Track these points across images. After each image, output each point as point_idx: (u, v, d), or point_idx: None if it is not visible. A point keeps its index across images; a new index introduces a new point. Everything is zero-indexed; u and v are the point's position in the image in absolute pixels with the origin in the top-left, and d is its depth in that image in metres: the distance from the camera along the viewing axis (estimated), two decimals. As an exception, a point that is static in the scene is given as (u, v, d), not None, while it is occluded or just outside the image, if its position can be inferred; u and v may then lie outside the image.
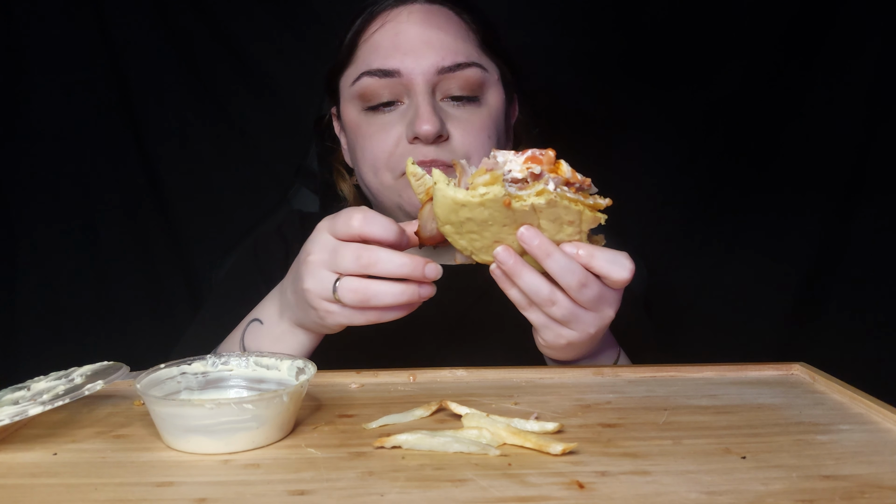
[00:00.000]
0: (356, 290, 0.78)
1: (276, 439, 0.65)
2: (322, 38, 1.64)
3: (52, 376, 0.73)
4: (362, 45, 1.08)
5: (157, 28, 1.64)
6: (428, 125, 1.00)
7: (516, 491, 0.55)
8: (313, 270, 0.80)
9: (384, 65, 1.04)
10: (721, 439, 0.66)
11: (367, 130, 1.07)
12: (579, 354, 0.88)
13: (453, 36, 1.06)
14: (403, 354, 0.92)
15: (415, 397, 0.78)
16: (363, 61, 1.07)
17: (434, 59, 1.03)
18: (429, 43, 1.04)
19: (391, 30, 1.05)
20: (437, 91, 1.05)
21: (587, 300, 0.79)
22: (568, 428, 0.68)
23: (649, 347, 1.10)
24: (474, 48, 1.07)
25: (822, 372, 0.84)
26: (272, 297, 0.93)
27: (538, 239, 0.76)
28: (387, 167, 1.06)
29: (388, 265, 0.77)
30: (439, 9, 1.08)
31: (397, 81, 1.04)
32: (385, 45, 1.05)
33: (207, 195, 1.71)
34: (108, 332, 1.67)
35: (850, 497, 0.54)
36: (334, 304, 0.80)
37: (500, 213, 0.75)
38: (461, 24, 1.08)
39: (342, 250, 0.78)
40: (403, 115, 1.05)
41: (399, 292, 0.78)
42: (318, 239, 0.82)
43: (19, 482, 0.58)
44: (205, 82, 1.69)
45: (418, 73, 1.03)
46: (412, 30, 1.05)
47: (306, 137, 1.45)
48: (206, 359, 0.74)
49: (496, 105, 1.09)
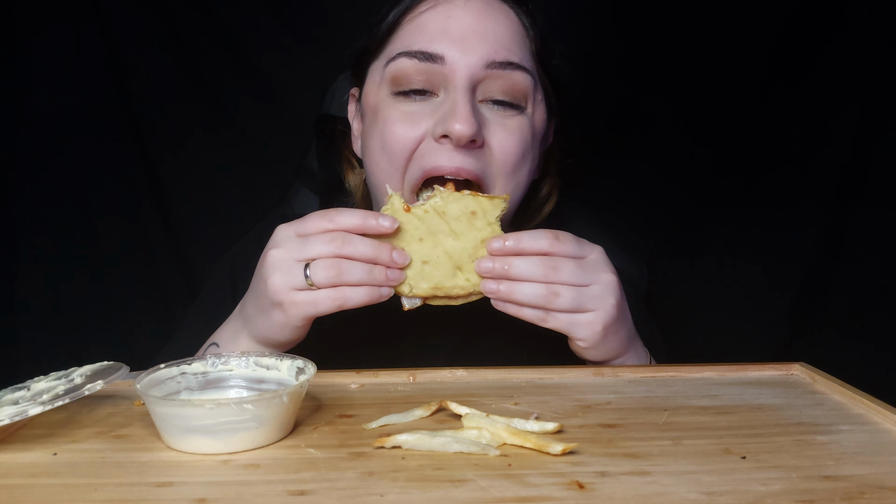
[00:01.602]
0: (329, 266, 0.81)
1: (276, 439, 0.65)
2: (322, 38, 1.65)
3: (52, 376, 0.74)
4: (406, 23, 0.97)
5: (158, 28, 1.64)
6: (463, 125, 0.89)
7: (516, 491, 0.55)
8: (278, 264, 0.83)
9: (427, 47, 0.93)
10: (721, 439, 0.66)
11: (390, 115, 0.96)
12: (618, 345, 0.90)
13: (510, 35, 0.96)
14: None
15: (415, 397, 0.78)
16: (403, 41, 0.96)
17: (485, 52, 0.93)
18: (482, 35, 0.93)
19: (443, 12, 0.95)
20: (479, 91, 0.95)
21: (573, 276, 0.84)
22: (568, 428, 0.68)
23: (658, 351, 1.10)
24: (528, 55, 0.98)
25: (822, 372, 0.84)
26: (231, 319, 0.94)
27: (493, 263, 0.85)
28: (400, 164, 0.96)
29: (359, 244, 0.82)
30: (501, 4, 0.98)
31: (437, 70, 0.93)
32: (432, 28, 0.94)
33: (207, 195, 1.71)
34: (108, 332, 1.67)
35: (850, 497, 0.54)
36: (301, 293, 0.82)
37: (414, 225, 0.86)
38: (520, 26, 0.98)
39: (312, 239, 0.82)
40: (436, 109, 0.94)
41: (369, 268, 0.82)
42: (278, 238, 0.85)
43: (19, 482, 0.58)
44: (205, 82, 1.68)
45: (463, 64, 0.92)
46: (467, 17, 0.94)
47: (306, 137, 1.45)
48: (206, 359, 0.74)
49: (537, 122, 1.00)
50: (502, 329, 0.95)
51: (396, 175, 0.96)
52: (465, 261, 0.88)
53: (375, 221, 0.84)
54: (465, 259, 0.88)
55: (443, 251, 0.87)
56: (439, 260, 0.87)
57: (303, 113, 1.56)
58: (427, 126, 0.94)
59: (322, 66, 1.57)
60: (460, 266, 0.88)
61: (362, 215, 0.84)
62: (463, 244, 0.88)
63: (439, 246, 0.87)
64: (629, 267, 1.21)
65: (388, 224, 0.84)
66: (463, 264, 0.88)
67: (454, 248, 0.87)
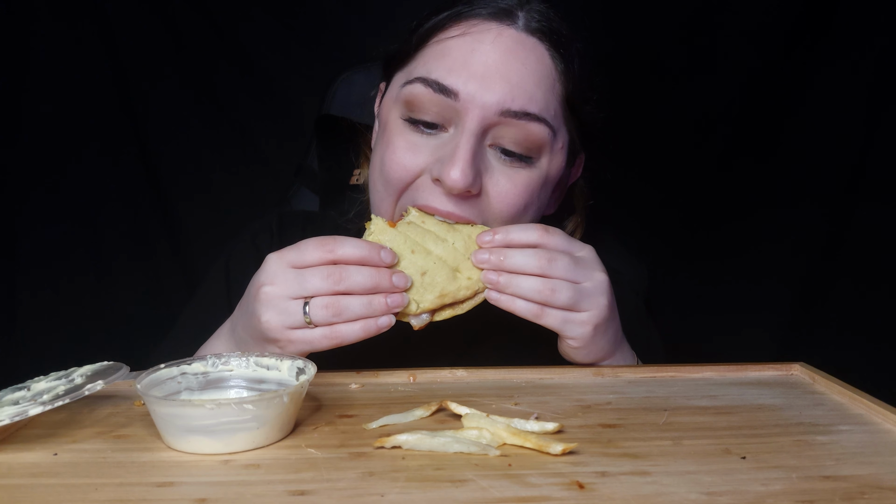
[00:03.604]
0: (328, 304, 0.78)
1: (276, 439, 0.65)
2: (322, 38, 1.65)
3: (52, 376, 0.73)
4: (433, 44, 0.92)
5: (158, 28, 1.64)
6: (458, 174, 0.86)
7: (516, 491, 0.55)
8: (272, 302, 0.79)
9: (444, 79, 0.88)
10: (721, 440, 0.66)
11: (395, 141, 0.93)
12: (606, 346, 0.89)
13: (536, 79, 0.89)
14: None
15: (415, 397, 0.78)
16: (425, 64, 0.91)
17: (501, 96, 0.87)
18: (505, 76, 0.88)
19: (469, 44, 0.89)
20: (489, 134, 0.90)
21: (568, 271, 0.84)
22: (568, 428, 0.68)
23: (655, 353, 1.09)
24: (554, 102, 0.92)
25: (822, 372, 0.84)
26: (221, 335, 0.91)
27: (488, 254, 0.84)
28: (394, 191, 0.93)
29: (358, 277, 0.79)
30: (536, 44, 0.91)
31: (450, 104, 0.88)
32: (454, 56, 0.89)
33: (207, 195, 1.71)
34: (108, 333, 1.67)
35: (850, 498, 0.54)
36: (298, 331, 0.80)
37: (401, 240, 0.85)
38: (552, 69, 0.91)
39: (309, 275, 0.79)
40: (441, 146, 0.91)
41: (368, 301, 0.80)
42: (272, 271, 0.80)
43: (19, 482, 0.58)
44: (205, 82, 1.69)
45: (478, 104, 0.87)
46: (492, 54, 0.88)
47: (306, 137, 1.45)
48: (206, 359, 0.74)
49: (551, 171, 0.95)
50: (503, 333, 0.95)
51: (389, 200, 0.94)
52: (460, 260, 0.87)
53: (377, 256, 0.81)
54: (460, 258, 0.87)
55: (436, 257, 0.86)
56: (436, 266, 0.86)
57: (303, 113, 1.56)
58: (428, 161, 0.91)
59: (322, 66, 1.57)
60: (457, 267, 0.87)
61: (363, 248, 0.80)
62: (453, 243, 0.87)
63: (431, 253, 0.86)
64: (629, 267, 1.21)
65: (389, 259, 0.81)
66: (459, 264, 0.87)
67: (446, 251, 0.87)
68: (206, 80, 1.69)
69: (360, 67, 1.38)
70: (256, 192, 1.69)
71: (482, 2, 0.92)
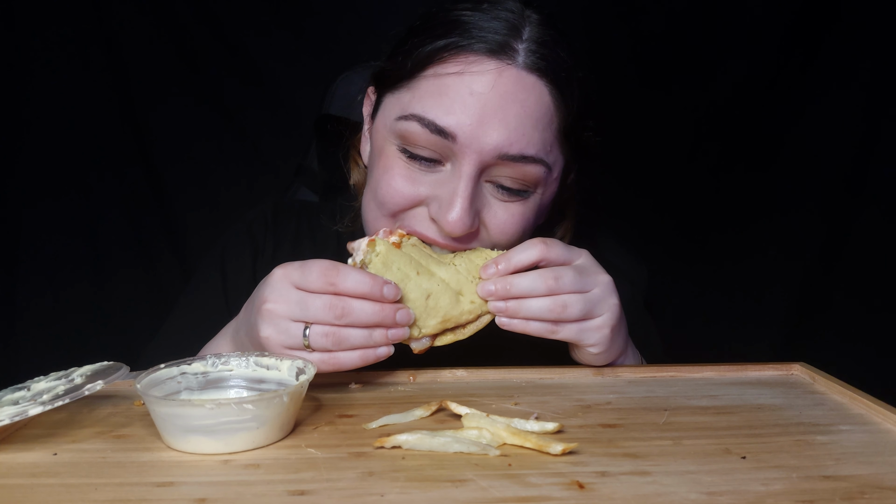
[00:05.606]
0: (328, 334, 0.77)
1: (276, 439, 0.65)
2: (322, 38, 1.65)
3: (52, 376, 0.74)
4: (429, 77, 0.90)
5: (158, 28, 1.64)
6: (456, 221, 0.87)
7: (516, 491, 0.55)
8: (274, 320, 0.79)
9: (441, 120, 0.87)
10: (721, 440, 0.66)
11: (392, 166, 0.92)
12: (621, 342, 0.90)
13: (533, 120, 0.88)
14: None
15: (415, 397, 0.78)
16: (421, 100, 0.89)
17: (499, 141, 0.86)
18: (503, 119, 0.87)
19: (468, 83, 0.87)
20: (487, 172, 0.90)
21: (575, 283, 0.83)
22: (568, 428, 0.68)
23: (654, 347, 1.09)
24: (551, 137, 0.91)
25: (822, 372, 0.84)
26: (225, 335, 0.91)
27: (494, 285, 0.83)
28: (388, 213, 0.93)
29: (361, 314, 0.78)
30: (535, 82, 0.88)
31: (448, 145, 0.88)
32: (452, 95, 0.87)
33: (207, 194, 1.71)
34: (108, 332, 1.67)
35: (850, 497, 0.54)
36: (296, 351, 0.79)
37: (405, 261, 0.84)
38: (550, 105, 0.90)
39: (312, 301, 0.78)
40: (439, 183, 0.90)
41: (368, 333, 0.78)
42: (276, 288, 0.79)
43: (19, 482, 0.58)
44: (205, 82, 1.69)
45: (475, 149, 0.87)
46: (491, 96, 0.86)
47: (306, 137, 1.45)
48: (206, 359, 0.74)
49: (545, 199, 0.96)
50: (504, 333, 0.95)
51: (383, 221, 0.94)
52: (463, 283, 0.85)
53: (380, 292, 0.79)
54: (463, 282, 0.85)
55: (439, 279, 0.85)
56: (440, 289, 0.84)
57: (303, 113, 1.56)
58: (426, 193, 0.90)
59: (322, 66, 1.57)
60: (460, 290, 0.85)
61: (366, 283, 0.78)
62: (457, 266, 0.86)
63: (434, 275, 0.85)
64: (625, 263, 1.20)
65: (392, 295, 0.79)
66: (462, 287, 0.85)
67: (449, 274, 0.85)
68: (206, 81, 1.69)
69: (360, 67, 1.37)
70: (256, 191, 1.70)
71: (479, 32, 0.89)
